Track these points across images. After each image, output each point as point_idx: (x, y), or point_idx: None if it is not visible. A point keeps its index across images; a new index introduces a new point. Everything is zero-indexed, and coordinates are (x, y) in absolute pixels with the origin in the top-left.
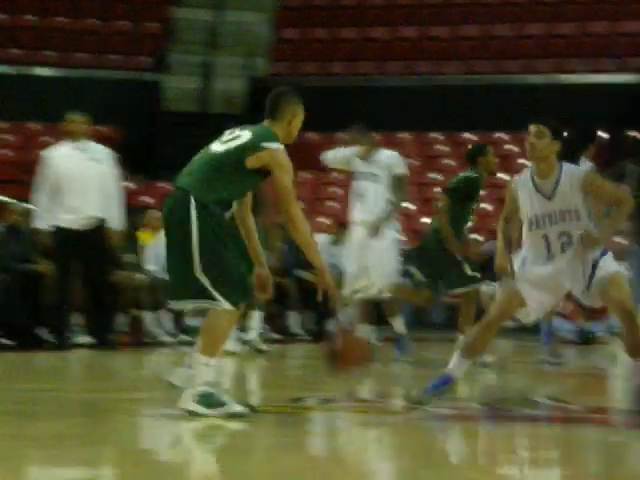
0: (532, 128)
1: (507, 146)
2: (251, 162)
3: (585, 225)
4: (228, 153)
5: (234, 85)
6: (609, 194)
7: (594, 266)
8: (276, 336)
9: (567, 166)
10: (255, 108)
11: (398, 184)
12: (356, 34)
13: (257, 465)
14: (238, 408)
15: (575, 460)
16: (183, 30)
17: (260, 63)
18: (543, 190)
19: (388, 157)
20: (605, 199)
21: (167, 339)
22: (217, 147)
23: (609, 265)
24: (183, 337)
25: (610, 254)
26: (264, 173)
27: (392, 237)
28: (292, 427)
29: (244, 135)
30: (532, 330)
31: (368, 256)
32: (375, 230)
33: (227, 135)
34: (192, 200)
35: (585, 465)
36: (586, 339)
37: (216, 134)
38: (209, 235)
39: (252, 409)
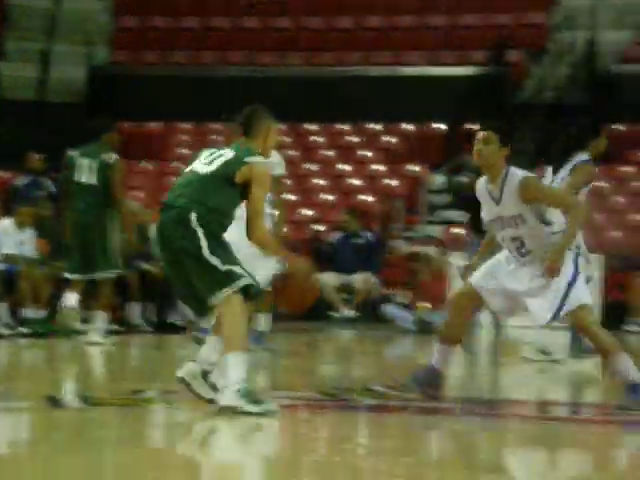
0: (479, 134)
1: (348, 137)
2: (239, 177)
3: (535, 230)
4: (217, 170)
5: (74, 73)
6: (552, 199)
7: (565, 296)
8: (117, 327)
9: (512, 171)
10: (95, 97)
11: (277, 185)
12: (197, 23)
13: (93, 458)
14: (274, 406)
15: (416, 448)
16: (19, 16)
17: (100, 51)
18: (492, 195)
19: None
20: (550, 204)
21: (4, 331)
22: (201, 167)
23: (576, 298)
24: (21, 329)
25: (581, 280)
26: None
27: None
28: (131, 419)
29: (227, 153)
30: (371, 319)
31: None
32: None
33: (207, 156)
34: (193, 216)
35: (427, 453)
36: (425, 329)
37: (55, 123)
38: (217, 239)
39: (87, 401)
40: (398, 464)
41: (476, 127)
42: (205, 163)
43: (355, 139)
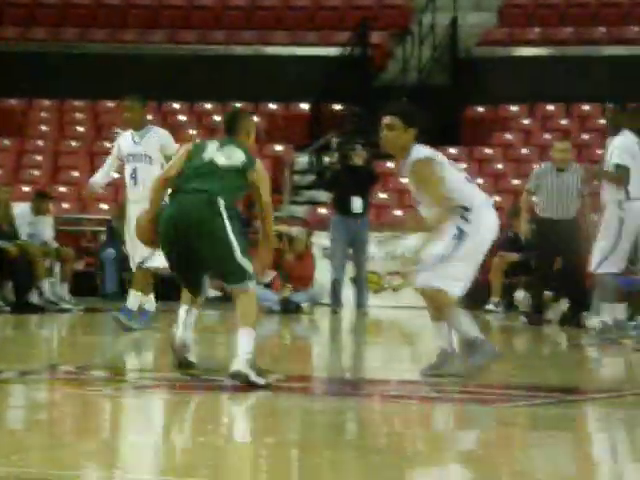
0: (383, 120)
1: (213, 117)
2: (250, 176)
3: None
4: (237, 166)
5: None
6: (430, 193)
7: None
8: None
9: (414, 151)
10: None
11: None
12: (58, 0)
13: None
14: (270, 380)
15: (276, 429)
16: None
17: None
18: (401, 174)
19: (161, 136)
20: (427, 194)
21: None
22: (222, 160)
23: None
24: None
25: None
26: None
27: None
28: None
29: (237, 152)
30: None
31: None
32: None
33: (218, 148)
34: (220, 201)
35: (284, 433)
36: (289, 309)
37: None
38: (236, 228)
39: None
40: (262, 445)
41: (339, 107)
42: (224, 157)
43: (219, 118)
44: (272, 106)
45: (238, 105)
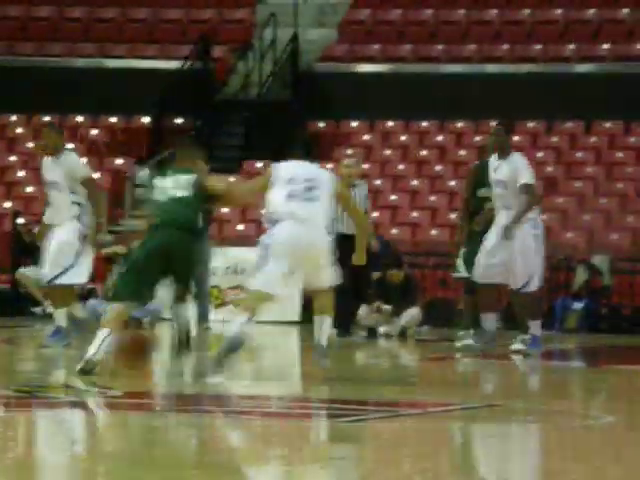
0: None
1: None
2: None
3: None
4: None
5: None
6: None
7: None
8: None
9: None
10: None
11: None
12: None
13: None
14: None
15: (112, 445)
16: None
17: None
18: None
19: (73, 160)
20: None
21: None
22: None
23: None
24: None
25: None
26: None
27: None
28: None
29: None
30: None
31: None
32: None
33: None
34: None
35: (122, 450)
36: (129, 324)
37: None
38: None
39: None
40: (98, 462)
41: (180, 121)
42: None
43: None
44: (112, 119)
45: (78, 119)
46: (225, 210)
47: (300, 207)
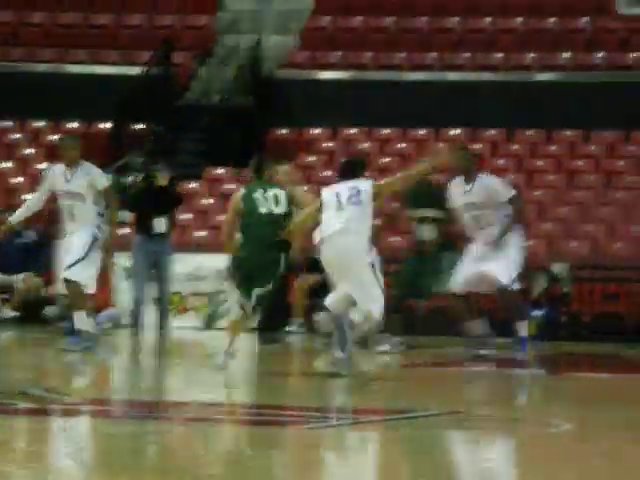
0: None
1: (11, 135)
2: None
3: None
4: None
5: None
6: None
7: None
8: None
9: None
10: None
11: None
12: None
13: None
14: None
15: (73, 452)
16: None
17: None
18: None
19: (93, 171)
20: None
21: None
22: None
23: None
24: None
25: None
26: None
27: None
28: None
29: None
30: (35, 320)
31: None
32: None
33: None
34: None
35: (82, 457)
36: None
37: None
38: None
39: None
40: (58, 469)
41: (141, 126)
42: None
43: (17, 136)
44: (73, 125)
45: (38, 123)
46: (186, 216)
47: None
